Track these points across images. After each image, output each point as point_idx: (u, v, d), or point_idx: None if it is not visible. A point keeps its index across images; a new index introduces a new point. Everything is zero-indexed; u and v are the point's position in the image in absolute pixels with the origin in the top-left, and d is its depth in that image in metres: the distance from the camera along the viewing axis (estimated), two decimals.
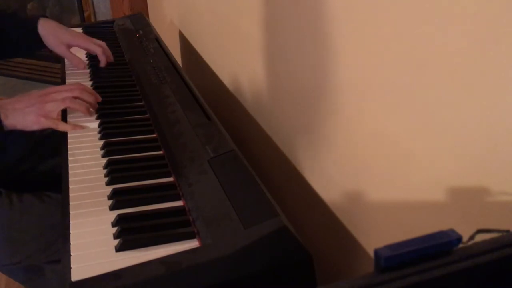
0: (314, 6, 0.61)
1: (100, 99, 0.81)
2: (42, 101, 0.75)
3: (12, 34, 0.93)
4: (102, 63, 0.97)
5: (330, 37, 0.59)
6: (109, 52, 0.99)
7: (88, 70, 0.97)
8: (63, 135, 0.73)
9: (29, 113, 0.73)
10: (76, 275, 0.46)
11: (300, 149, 0.75)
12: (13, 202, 0.79)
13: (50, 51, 0.97)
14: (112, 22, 1.27)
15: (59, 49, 0.93)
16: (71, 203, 0.57)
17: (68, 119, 0.77)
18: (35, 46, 0.96)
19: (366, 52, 0.52)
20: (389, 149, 0.52)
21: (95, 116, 0.78)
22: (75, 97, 0.77)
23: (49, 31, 0.92)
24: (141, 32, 1.15)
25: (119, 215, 0.54)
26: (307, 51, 0.66)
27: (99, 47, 0.96)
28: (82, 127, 0.76)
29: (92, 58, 1.00)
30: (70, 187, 0.60)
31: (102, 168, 0.64)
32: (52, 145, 0.95)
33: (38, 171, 0.94)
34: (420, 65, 0.44)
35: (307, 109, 0.69)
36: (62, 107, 0.76)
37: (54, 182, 0.84)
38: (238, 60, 0.96)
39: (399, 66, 0.47)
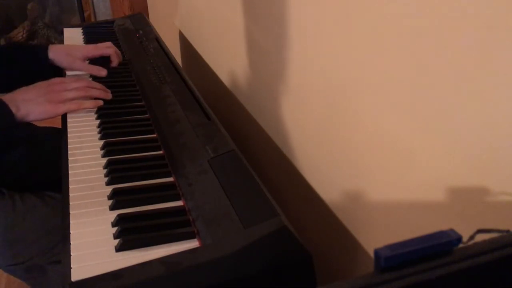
0: (314, 5, 0.61)
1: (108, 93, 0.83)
2: (54, 90, 0.76)
3: (22, 65, 0.93)
4: (115, 63, 0.98)
5: (330, 36, 0.59)
6: (118, 51, 0.99)
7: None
8: (63, 135, 0.73)
9: (42, 102, 0.74)
10: (76, 275, 0.46)
11: (300, 149, 0.75)
12: (16, 203, 0.79)
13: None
14: (112, 22, 1.27)
15: (76, 65, 0.93)
16: (71, 203, 0.57)
17: (68, 114, 0.78)
18: (43, 77, 0.95)
19: (366, 50, 0.52)
20: (389, 149, 0.52)
21: (95, 116, 0.79)
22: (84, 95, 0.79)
23: (61, 53, 0.92)
24: (141, 32, 1.15)
25: (119, 215, 0.54)
26: (308, 51, 0.66)
27: (110, 49, 0.97)
28: (102, 102, 0.80)
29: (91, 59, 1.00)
30: (70, 187, 0.60)
31: (102, 168, 0.64)
32: (48, 145, 0.95)
33: (35, 170, 0.94)
34: (420, 64, 0.44)
35: (307, 109, 0.69)
36: (77, 95, 0.78)
37: (52, 182, 0.84)
38: (238, 60, 0.96)
39: (399, 65, 0.47)
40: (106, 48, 0.97)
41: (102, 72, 0.95)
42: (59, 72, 0.95)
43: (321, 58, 0.62)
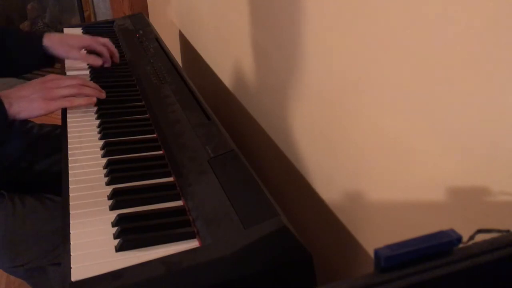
0: (313, 5, 0.61)
1: (103, 93, 0.83)
2: (47, 87, 0.75)
3: (14, 51, 0.91)
4: (108, 64, 0.97)
5: (329, 35, 0.59)
6: (114, 51, 0.98)
7: (87, 71, 0.97)
8: (63, 135, 0.73)
9: (35, 99, 0.74)
10: (76, 275, 0.46)
11: (300, 149, 0.75)
12: (16, 206, 0.79)
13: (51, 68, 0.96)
14: (112, 22, 1.27)
15: (71, 54, 0.92)
16: (71, 203, 0.57)
17: (68, 114, 0.77)
18: (36, 64, 0.94)
19: (367, 50, 0.52)
20: (389, 148, 0.52)
21: (95, 116, 0.79)
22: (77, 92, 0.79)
23: (56, 41, 0.91)
24: (141, 32, 1.15)
25: (119, 215, 0.54)
26: (307, 50, 0.66)
27: (104, 47, 0.96)
28: (95, 99, 0.80)
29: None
30: (70, 187, 0.60)
31: (102, 168, 0.64)
32: (48, 145, 0.95)
33: (35, 170, 0.94)
34: (421, 64, 0.44)
35: (307, 109, 0.70)
36: (70, 92, 0.77)
37: (51, 182, 0.84)
38: (238, 60, 0.96)
39: (400, 65, 0.47)
40: (102, 45, 0.96)
41: (98, 61, 0.93)
42: (53, 61, 0.94)
43: (322, 57, 0.62)
